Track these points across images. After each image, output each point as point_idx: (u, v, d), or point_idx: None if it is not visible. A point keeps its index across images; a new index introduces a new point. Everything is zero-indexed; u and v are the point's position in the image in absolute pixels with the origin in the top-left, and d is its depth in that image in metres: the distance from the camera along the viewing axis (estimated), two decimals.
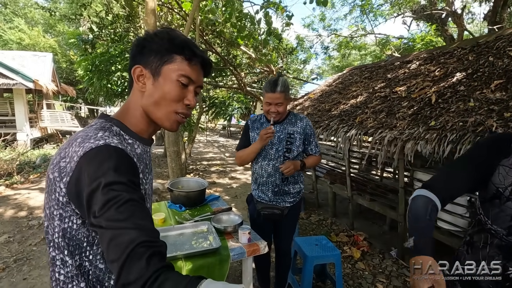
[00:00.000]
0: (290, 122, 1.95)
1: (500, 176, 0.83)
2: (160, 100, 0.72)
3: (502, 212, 0.82)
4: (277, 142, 1.91)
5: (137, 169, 0.66)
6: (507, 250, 0.82)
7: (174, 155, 3.65)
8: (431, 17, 9.05)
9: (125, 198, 0.56)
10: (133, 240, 0.52)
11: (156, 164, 7.58)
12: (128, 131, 0.74)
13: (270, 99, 1.82)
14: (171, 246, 1.67)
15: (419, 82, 3.17)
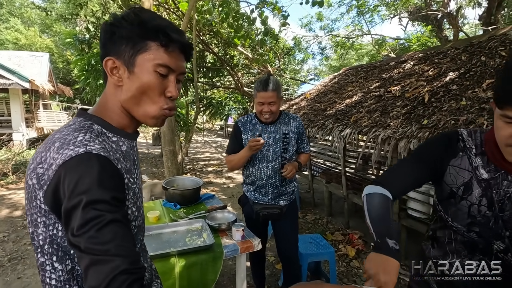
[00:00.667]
0: (284, 122, 1.92)
1: (451, 176, 0.85)
2: (138, 95, 0.65)
3: (459, 210, 0.83)
4: (273, 143, 1.87)
5: (121, 179, 0.61)
6: (470, 245, 0.84)
7: (170, 154, 3.66)
8: (426, 18, 9.12)
9: (108, 219, 0.52)
10: (115, 268, 0.49)
11: (153, 164, 7.57)
12: (111, 128, 0.68)
13: (263, 99, 1.76)
14: (164, 243, 1.68)
15: (413, 82, 3.21)
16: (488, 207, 0.79)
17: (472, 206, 0.81)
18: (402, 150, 2.39)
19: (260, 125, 1.89)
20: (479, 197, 0.80)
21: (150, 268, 0.80)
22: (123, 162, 0.65)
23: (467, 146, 0.85)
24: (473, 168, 0.82)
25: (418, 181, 0.90)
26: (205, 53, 7.80)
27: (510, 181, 0.77)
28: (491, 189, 0.79)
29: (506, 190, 0.77)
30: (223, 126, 15.89)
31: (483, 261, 0.83)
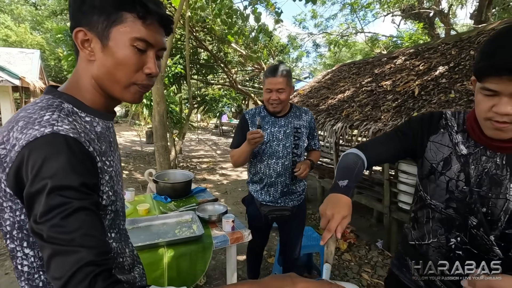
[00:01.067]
0: (295, 115, 1.78)
1: (431, 152, 0.87)
2: (113, 70, 0.60)
3: (438, 187, 0.86)
4: (283, 138, 1.73)
5: (93, 163, 0.56)
6: (446, 222, 0.86)
7: (162, 149, 3.64)
8: (419, 16, 9.20)
9: (75, 207, 0.48)
10: (80, 260, 0.46)
11: (146, 161, 7.52)
12: (83, 107, 0.62)
13: (271, 85, 1.63)
14: (154, 234, 1.67)
15: (404, 76, 3.23)
16: (465, 182, 0.81)
17: (450, 181, 0.83)
18: None
19: (270, 118, 1.75)
20: (458, 172, 0.82)
21: (131, 253, 0.78)
22: (97, 144, 0.60)
23: (449, 124, 0.87)
24: (453, 144, 0.84)
25: (395, 153, 0.94)
26: (199, 50, 7.77)
27: (488, 156, 0.78)
28: (469, 164, 0.80)
29: (484, 165, 0.78)
30: (218, 125, 15.85)
31: (475, 259, 0.82)
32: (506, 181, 0.76)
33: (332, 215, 0.71)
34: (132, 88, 0.64)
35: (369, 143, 0.97)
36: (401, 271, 1.01)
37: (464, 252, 0.84)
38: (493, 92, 0.67)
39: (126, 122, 16.60)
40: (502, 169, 0.77)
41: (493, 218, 0.78)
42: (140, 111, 9.44)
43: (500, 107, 0.67)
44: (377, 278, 2.65)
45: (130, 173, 6.22)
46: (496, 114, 0.68)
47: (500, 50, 0.65)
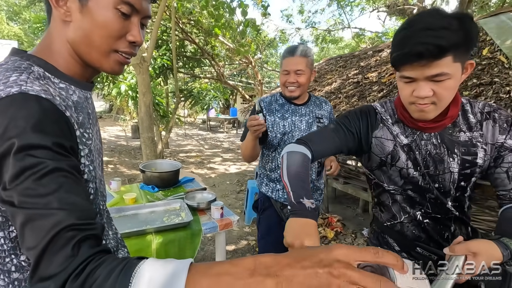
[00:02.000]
0: (316, 104, 1.60)
1: (377, 148, 0.91)
2: (92, 35, 0.53)
3: (392, 175, 0.90)
4: (306, 128, 1.54)
5: (70, 127, 0.50)
6: (409, 201, 0.92)
7: (149, 141, 3.57)
8: (403, 12, 9.39)
9: (49, 167, 0.42)
10: (58, 223, 0.40)
11: (132, 155, 7.37)
12: (56, 73, 0.55)
13: (289, 66, 1.44)
14: (141, 222, 1.65)
15: (389, 68, 3.30)
16: (414, 168, 0.87)
17: (401, 170, 0.88)
18: None
19: (289, 106, 1.55)
20: (406, 161, 0.87)
21: (115, 236, 0.74)
22: (74, 113, 0.54)
23: (383, 118, 0.91)
24: (393, 136, 0.89)
25: (339, 148, 0.93)
26: (185, 42, 7.64)
27: (426, 139, 0.85)
28: (413, 151, 0.86)
29: (426, 148, 0.85)
30: (205, 120, 15.72)
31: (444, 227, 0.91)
32: (446, 157, 0.84)
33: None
34: (112, 56, 0.57)
35: (315, 138, 0.92)
36: (382, 248, 1.04)
37: (431, 219, 0.92)
38: (410, 78, 0.74)
39: (110, 117, 16.19)
40: (440, 147, 0.85)
41: (445, 190, 0.87)
42: (125, 105, 9.24)
43: (419, 91, 0.73)
44: None
45: (116, 167, 6.09)
46: (417, 98, 0.75)
47: (407, 39, 0.71)
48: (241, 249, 2.97)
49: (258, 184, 1.66)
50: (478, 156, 0.83)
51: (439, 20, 0.68)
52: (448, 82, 0.71)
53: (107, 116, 17.19)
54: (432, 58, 0.68)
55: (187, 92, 8.13)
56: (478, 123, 0.84)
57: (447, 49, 0.67)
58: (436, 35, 0.67)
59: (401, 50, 0.72)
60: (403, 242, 0.98)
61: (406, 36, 0.72)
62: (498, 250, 0.69)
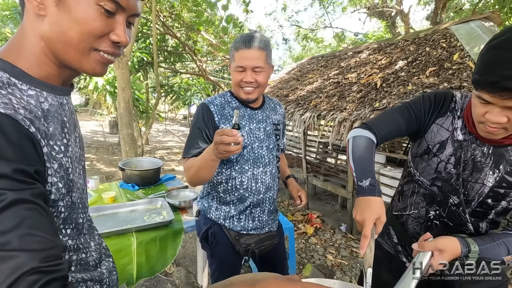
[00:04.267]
0: (271, 108, 1.32)
1: (432, 134, 0.92)
2: (69, 32, 0.48)
3: (428, 166, 0.93)
4: (265, 138, 1.24)
5: (36, 145, 0.45)
6: (429, 198, 0.96)
7: (128, 138, 3.49)
8: (382, 14, 9.67)
9: (9, 199, 0.37)
10: (19, 267, 0.35)
11: (110, 152, 7.15)
12: (25, 78, 0.48)
13: (244, 61, 1.10)
14: (121, 221, 1.62)
15: (367, 69, 3.41)
16: (454, 166, 0.87)
17: (440, 163, 0.89)
18: None
19: (245, 110, 1.22)
20: (449, 155, 0.88)
21: (98, 247, 0.70)
22: (43, 124, 0.48)
23: (455, 108, 0.89)
24: (453, 128, 0.88)
25: (402, 130, 0.94)
26: (166, 36, 7.46)
27: (477, 145, 0.84)
28: (461, 149, 0.86)
29: (472, 152, 0.85)
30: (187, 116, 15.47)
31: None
32: (487, 169, 0.83)
33: (363, 221, 0.70)
34: (92, 55, 0.51)
35: (381, 122, 0.94)
36: (383, 238, 1.12)
37: (441, 224, 0.93)
38: (487, 101, 0.70)
39: (86, 112, 15.55)
40: (486, 158, 0.83)
41: (468, 199, 0.87)
42: (102, 99, 8.90)
43: (492, 116, 0.71)
44: (341, 258, 2.83)
45: (93, 164, 5.89)
46: (488, 121, 0.73)
47: (498, 66, 0.64)
48: None
49: (204, 208, 1.29)
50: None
51: None
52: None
53: (83, 110, 16.49)
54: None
55: (168, 87, 7.95)
56: None
57: None
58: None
59: (486, 76, 0.66)
60: (403, 235, 1.03)
61: (497, 60, 0.65)
62: (459, 247, 0.75)
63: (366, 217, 0.70)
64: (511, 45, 0.63)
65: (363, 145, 0.86)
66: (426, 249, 0.75)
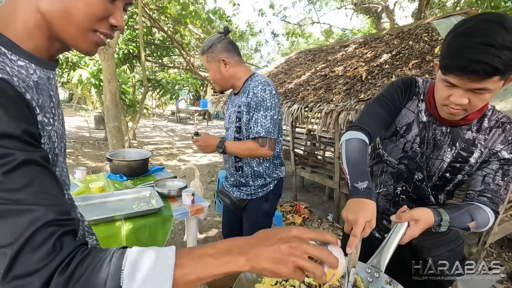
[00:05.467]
0: (244, 91, 1.45)
1: (400, 117, 0.99)
2: (73, 10, 0.49)
3: (396, 146, 1.00)
4: (233, 120, 1.51)
5: (32, 112, 0.46)
6: (396, 175, 1.03)
7: (115, 130, 3.44)
8: (368, 10, 9.82)
9: (19, 159, 0.38)
10: (38, 219, 0.37)
11: (96, 147, 7.01)
12: (14, 48, 0.48)
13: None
14: (110, 210, 1.62)
15: (353, 63, 3.48)
16: (419, 145, 0.94)
17: (407, 143, 0.96)
18: (342, 121, 2.62)
19: (232, 95, 1.60)
20: (415, 136, 0.95)
21: (82, 224, 0.71)
22: (35, 95, 0.49)
23: (419, 92, 0.96)
24: (418, 111, 0.95)
25: (387, 121, 0.97)
26: (153, 29, 7.35)
27: (437, 125, 0.92)
28: (425, 130, 0.93)
29: (433, 132, 0.93)
30: (175, 111, 15.30)
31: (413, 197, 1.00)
32: (446, 146, 0.91)
33: (355, 221, 0.70)
34: (90, 36, 0.53)
35: (368, 120, 0.95)
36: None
37: (407, 198, 1.02)
38: (452, 84, 0.75)
39: (70, 107, 15.13)
40: (445, 136, 0.91)
41: (430, 174, 0.95)
42: (86, 94, 8.67)
43: (456, 98, 0.75)
44: None
45: (78, 159, 5.77)
46: (452, 103, 0.78)
47: (465, 51, 0.68)
48: (212, 237, 3.01)
49: None
50: (472, 156, 0.88)
51: (503, 36, 0.65)
52: (486, 95, 0.73)
53: (66, 106, 16.03)
54: (484, 77, 0.68)
55: (155, 81, 7.83)
56: (488, 128, 0.88)
57: (502, 71, 0.66)
58: (496, 55, 0.65)
59: (456, 61, 0.70)
60: (423, 267, 1.04)
61: (465, 46, 0.68)
62: (433, 217, 0.81)
63: (359, 218, 0.70)
64: (477, 32, 0.67)
65: (357, 147, 0.87)
66: (404, 219, 0.80)
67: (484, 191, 0.87)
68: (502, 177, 0.87)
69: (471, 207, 0.85)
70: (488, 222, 0.85)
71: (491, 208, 0.86)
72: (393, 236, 0.79)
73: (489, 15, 0.70)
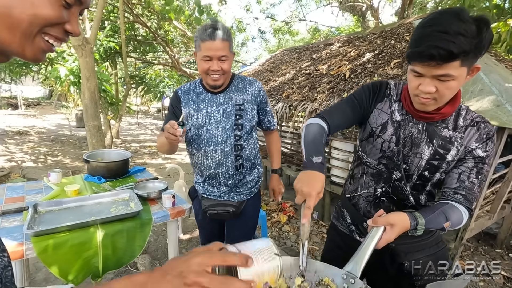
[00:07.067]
0: (238, 89, 1.44)
1: (374, 118, 1.02)
2: (18, 12, 0.42)
3: (374, 147, 1.02)
4: (223, 119, 1.40)
5: None
6: (376, 176, 1.04)
7: (95, 130, 3.33)
8: (354, 8, 9.92)
9: None
10: None
11: (77, 146, 6.79)
12: None
13: (210, 51, 1.26)
14: (86, 214, 1.56)
15: (337, 61, 3.50)
16: (395, 143, 0.97)
17: (384, 143, 0.99)
18: None
19: (205, 95, 1.42)
20: (391, 135, 0.97)
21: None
22: None
23: (391, 94, 1.00)
24: (391, 111, 0.99)
25: (350, 120, 1.02)
26: (136, 25, 7.14)
27: (413, 123, 0.95)
28: (400, 128, 0.96)
29: (410, 130, 0.95)
30: (160, 109, 15.03)
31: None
32: (423, 143, 0.93)
33: (309, 193, 0.73)
34: (37, 40, 0.46)
35: (332, 112, 1.01)
36: (339, 220, 1.20)
37: (387, 199, 1.03)
38: (419, 74, 0.80)
39: (50, 104, 14.59)
40: (422, 134, 0.94)
41: (409, 173, 0.96)
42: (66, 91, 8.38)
43: (424, 86, 0.80)
44: (312, 244, 2.93)
45: (57, 159, 5.57)
46: (421, 92, 0.82)
47: (423, 39, 0.75)
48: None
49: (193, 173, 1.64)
50: (449, 153, 0.91)
51: (457, 25, 0.70)
52: (451, 83, 0.77)
53: (46, 103, 15.45)
54: (441, 61, 0.73)
55: (138, 78, 7.63)
56: (464, 127, 0.91)
57: (457, 56, 0.72)
58: (450, 40, 0.70)
59: (416, 48, 0.76)
60: (355, 215, 1.11)
61: (424, 34, 0.75)
62: (408, 221, 0.81)
63: (313, 190, 0.73)
64: (435, 22, 0.74)
65: (316, 130, 0.93)
66: (379, 224, 0.80)
67: (459, 189, 0.89)
68: (476, 175, 0.89)
69: (446, 207, 0.87)
70: (462, 221, 0.87)
71: (465, 206, 0.88)
72: (369, 241, 0.79)
73: (448, 9, 0.77)
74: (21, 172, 4.60)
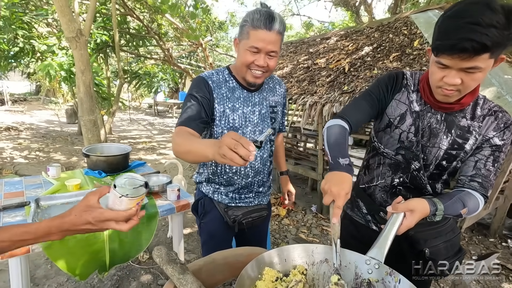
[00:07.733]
0: (269, 88, 1.27)
1: (392, 109, 1.02)
2: None
3: (391, 138, 1.02)
4: (259, 122, 1.20)
5: None
6: (394, 166, 1.05)
7: (90, 124, 3.25)
8: (347, 3, 9.92)
9: None
10: None
11: (69, 142, 6.64)
12: None
13: (261, 42, 1.03)
14: None
15: (336, 55, 3.50)
16: (414, 134, 0.96)
17: (402, 133, 0.99)
18: (327, 113, 2.63)
19: (241, 92, 1.17)
20: (409, 125, 0.97)
21: None
22: None
23: (408, 84, 0.99)
24: (409, 102, 0.98)
25: (369, 114, 1.02)
26: (128, 18, 6.98)
27: (432, 113, 0.95)
28: (419, 119, 0.96)
29: (428, 121, 0.95)
30: (152, 105, 14.81)
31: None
32: (441, 134, 0.94)
33: (338, 193, 0.73)
34: None
35: (350, 110, 1.01)
36: (353, 211, 1.20)
37: (404, 189, 1.03)
38: (445, 66, 0.78)
39: (38, 100, 14.20)
40: (440, 124, 0.94)
41: (427, 163, 0.97)
42: (56, 86, 8.14)
43: (449, 78, 0.79)
44: (312, 236, 2.95)
45: (49, 155, 5.44)
46: (446, 84, 0.81)
47: (454, 31, 0.72)
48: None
49: (198, 181, 1.32)
50: (468, 142, 0.92)
51: (489, 16, 0.68)
52: (478, 75, 0.76)
53: (33, 98, 15.03)
54: (474, 54, 0.71)
55: (132, 73, 7.48)
56: (482, 116, 0.91)
57: (490, 48, 0.70)
58: (483, 33, 0.68)
59: (446, 41, 0.73)
60: (371, 205, 1.11)
61: (454, 26, 0.73)
62: (428, 207, 0.82)
63: (342, 191, 0.73)
64: (465, 13, 0.72)
65: (338, 131, 0.92)
66: (400, 210, 0.80)
67: (475, 176, 0.91)
68: (493, 163, 0.90)
69: (462, 194, 0.88)
70: (478, 208, 0.88)
71: (480, 193, 0.89)
72: (390, 227, 0.79)
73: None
74: (12, 168, 4.48)
